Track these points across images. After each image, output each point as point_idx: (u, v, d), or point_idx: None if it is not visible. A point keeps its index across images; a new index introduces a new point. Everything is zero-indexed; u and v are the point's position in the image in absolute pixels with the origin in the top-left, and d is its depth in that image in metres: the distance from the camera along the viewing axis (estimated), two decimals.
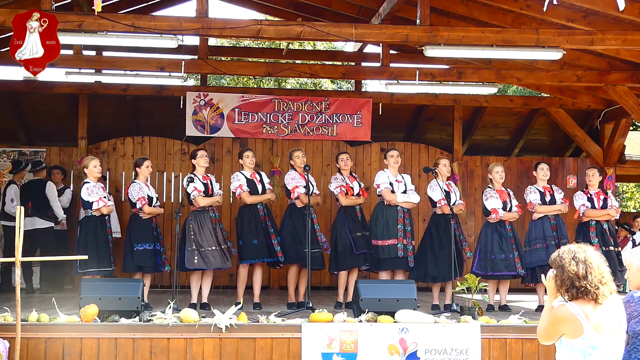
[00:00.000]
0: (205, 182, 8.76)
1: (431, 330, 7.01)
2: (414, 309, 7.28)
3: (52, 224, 10.73)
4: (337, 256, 9.02)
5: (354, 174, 9.40)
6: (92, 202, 8.59)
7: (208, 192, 8.74)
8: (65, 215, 10.92)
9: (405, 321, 7.03)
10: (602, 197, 9.34)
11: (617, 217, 9.43)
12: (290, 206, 8.98)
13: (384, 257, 8.92)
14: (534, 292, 9.43)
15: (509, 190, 9.27)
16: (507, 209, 9.06)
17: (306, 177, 8.75)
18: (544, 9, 6.53)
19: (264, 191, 8.89)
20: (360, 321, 7.00)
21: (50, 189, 10.66)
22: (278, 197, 10.83)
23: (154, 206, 8.86)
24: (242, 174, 8.92)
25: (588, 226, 9.27)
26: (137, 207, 8.70)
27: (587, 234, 9.18)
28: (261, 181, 8.95)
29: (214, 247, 8.58)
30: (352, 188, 9.05)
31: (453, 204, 9.01)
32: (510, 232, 9.05)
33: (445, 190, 8.99)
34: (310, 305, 8.13)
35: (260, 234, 8.75)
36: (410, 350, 6.96)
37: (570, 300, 3.78)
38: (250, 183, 8.86)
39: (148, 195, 8.81)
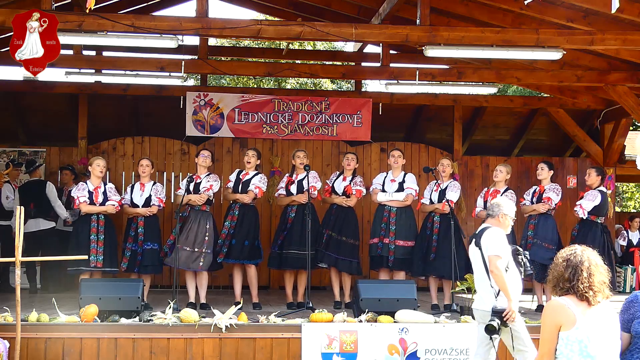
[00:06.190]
0: (194, 181, 8.80)
1: (431, 330, 7.02)
2: (414, 309, 7.28)
3: (54, 224, 10.72)
4: None
5: (353, 175, 9.28)
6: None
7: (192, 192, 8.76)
8: (67, 214, 10.77)
9: (405, 321, 7.04)
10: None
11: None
12: None
13: (370, 255, 9.03)
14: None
15: (511, 190, 9.16)
16: None
17: (307, 176, 8.74)
18: (525, 2, 6.50)
19: (243, 191, 8.86)
20: (360, 321, 7.00)
21: (50, 189, 10.62)
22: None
23: (151, 206, 8.83)
24: (236, 172, 9.11)
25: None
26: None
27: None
28: (245, 182, 8.93)
29: (187, 248, 8.57)
30: (332, 187, 9.12)
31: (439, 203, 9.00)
32: None
33: (433, 190, 9.03)
34: (310, 305, 8.13)
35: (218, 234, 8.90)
36: (410, 350, 6.96)
37: (559, 296, 3.90)
38: (236, 182, 8.95)
39: (131, 198, 8.79)
